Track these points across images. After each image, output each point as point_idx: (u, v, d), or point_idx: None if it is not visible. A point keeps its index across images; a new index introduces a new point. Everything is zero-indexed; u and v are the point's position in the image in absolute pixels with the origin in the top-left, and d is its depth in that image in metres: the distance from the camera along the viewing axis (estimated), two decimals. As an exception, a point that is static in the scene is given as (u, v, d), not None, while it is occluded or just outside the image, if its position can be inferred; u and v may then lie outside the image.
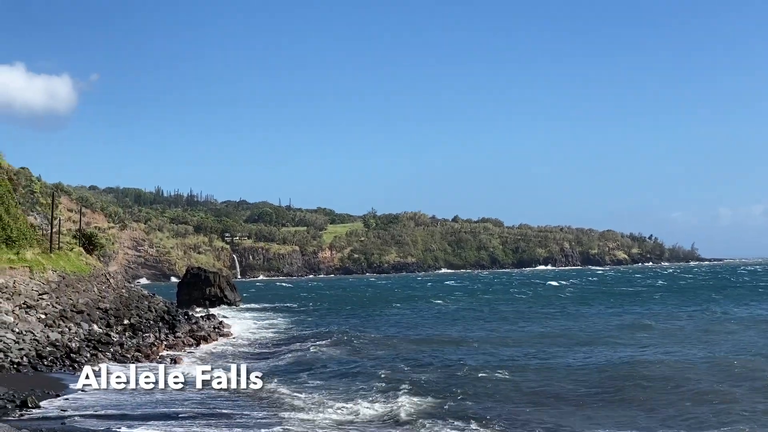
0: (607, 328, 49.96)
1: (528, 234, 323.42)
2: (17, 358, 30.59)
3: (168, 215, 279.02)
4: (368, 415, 23.67)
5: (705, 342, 40.68)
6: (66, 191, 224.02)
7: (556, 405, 24.94)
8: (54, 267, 50.95)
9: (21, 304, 39.05)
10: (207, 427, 21.47)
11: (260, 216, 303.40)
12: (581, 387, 27.89)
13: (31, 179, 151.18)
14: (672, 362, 32.81)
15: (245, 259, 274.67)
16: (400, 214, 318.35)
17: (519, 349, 39.09)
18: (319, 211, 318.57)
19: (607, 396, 26.27)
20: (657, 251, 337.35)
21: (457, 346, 41.29)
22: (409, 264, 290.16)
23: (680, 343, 40.11)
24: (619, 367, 31.79)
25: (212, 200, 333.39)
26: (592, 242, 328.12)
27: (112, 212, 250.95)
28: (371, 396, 26.68)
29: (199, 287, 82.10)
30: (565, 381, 29.16)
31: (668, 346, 38.82)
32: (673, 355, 35.19)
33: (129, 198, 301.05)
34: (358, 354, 39.45)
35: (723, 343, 39.76)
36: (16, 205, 54.46)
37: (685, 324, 51.27)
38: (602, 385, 28.22)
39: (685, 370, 30.74)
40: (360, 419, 23.34)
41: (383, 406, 24.90)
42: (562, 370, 31.72)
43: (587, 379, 29.47)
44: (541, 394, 26.77)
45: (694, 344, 39.67)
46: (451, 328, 53.44)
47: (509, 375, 30.51)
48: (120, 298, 57.78)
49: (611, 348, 38.95)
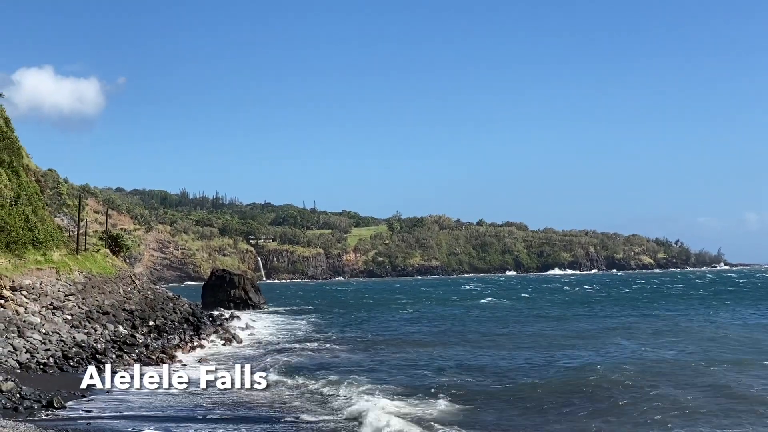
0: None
1: (553, 238, 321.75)
2: (44, 359, 30.86)
3: (193, 217, 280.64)
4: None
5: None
6: (92, 193, 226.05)
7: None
8: (80, 268, 51.36)
9: (48, 305, 39.39)
10: (229, 428, 21.51)
11: (285, 219, 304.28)
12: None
13: (58, 181, 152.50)
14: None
15: (270, 262, 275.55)
16: (424, 218, 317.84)
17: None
18: (343, 214, 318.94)
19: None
20: (683, 256, 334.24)
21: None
22: (433, 267, 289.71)
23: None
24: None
25: (237, 202, 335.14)
26: (618, 246, 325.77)
27: (138, 214, 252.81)
28: (389, 398, 26.63)
29: (224, 289, 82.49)
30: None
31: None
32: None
33: (155, 200, 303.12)
34: (377, 355, 39.75)
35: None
36: (43, 206, 54.97)
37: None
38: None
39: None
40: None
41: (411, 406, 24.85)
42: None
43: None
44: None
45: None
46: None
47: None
48: (145, 300, 58.16)
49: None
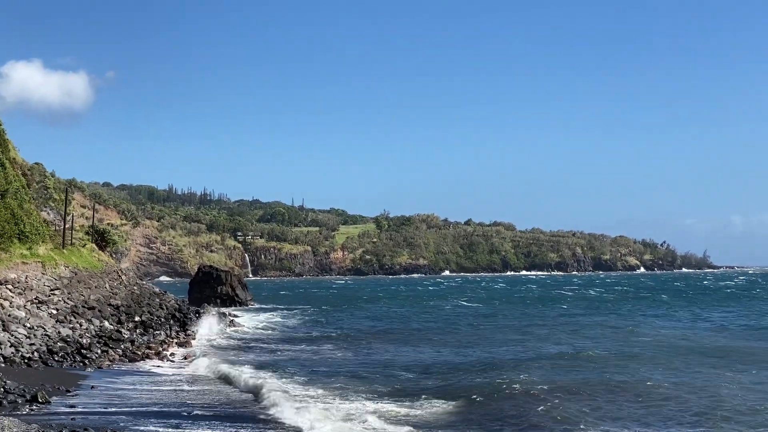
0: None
1: (540, 238, 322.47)
2: (28, 353, 30.75)
3: (181, 213, 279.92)
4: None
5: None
6: (79, 187, 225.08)
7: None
8: (66, 263, 51.17)
9: (33, 299, 39.23)
10: (212, 425, 21.47)
11: (273, 216, 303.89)
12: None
13: (45, 175, 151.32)
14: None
15: (257, 259, 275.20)
16: (412, 216, 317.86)
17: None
18: (331, 212, 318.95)
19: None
20: (669, 258, 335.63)
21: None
22: (420, 266, 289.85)
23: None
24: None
25: (225, 199, 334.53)
26: (605, 248, 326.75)
27: (125, 209, 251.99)
28: (362, 396, 26.62)
29: (211, 286, 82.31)
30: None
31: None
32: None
33: (142, 195, 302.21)
34: (361, 353, 40.02)
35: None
36: (29, 200, 54.70)
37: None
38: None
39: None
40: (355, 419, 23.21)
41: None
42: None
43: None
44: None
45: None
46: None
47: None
48: (131, 295, 58.01)
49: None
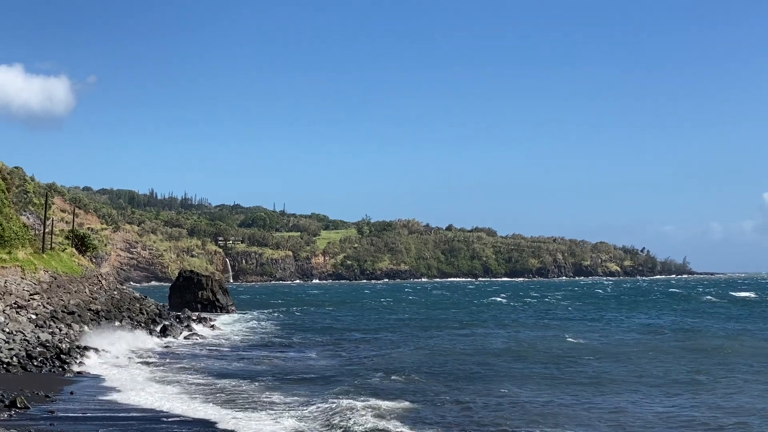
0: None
1: (521, 244, 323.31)
2: (7, 358, 30.62)
3: (162, 218, 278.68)
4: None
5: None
6: (60, 191, 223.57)
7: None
8: (46, 267, 50.98)
9: (12, 303, 39.08)
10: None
11: (254, 220, 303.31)
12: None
13: (25, 179, 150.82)
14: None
15: (238, 264, 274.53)
16: (393, 222, 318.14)
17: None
18: (313, 217, 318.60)
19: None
20: (649, 264, 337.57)
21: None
22: (402, 271, 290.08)
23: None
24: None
25: (206, 203, 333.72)
26: (585, 254, 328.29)
27: (106, 213, 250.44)
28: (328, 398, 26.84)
29: (192, 291, 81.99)
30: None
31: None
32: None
33: (123, 200, 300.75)
34: (338, 357, 40.43)
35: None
36: (9, 204, 54.47)
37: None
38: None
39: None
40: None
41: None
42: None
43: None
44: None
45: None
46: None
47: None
48: (111, 300, 57.86)
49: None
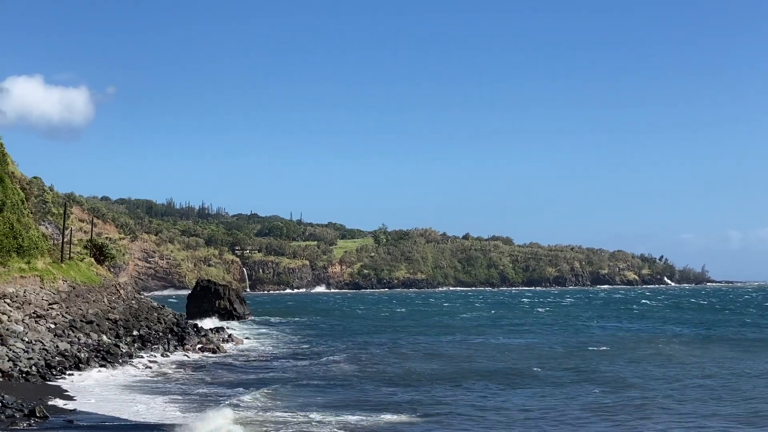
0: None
1: (538, 253, 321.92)
2: (26, 367, 30.68)
3: (179, 227, 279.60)
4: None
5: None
6: (78, 201, 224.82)
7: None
8: (64, 277, 51.10)
9: (31, 313, 39.18)
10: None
11: (271, 230, 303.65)
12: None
13: (44, 189, 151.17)
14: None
15: (255, 273, 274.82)
16: (410, 231, 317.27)
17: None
18: (329, 226, 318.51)
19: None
20: (667, 272, 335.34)
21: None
22: (419, 280, 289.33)
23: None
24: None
25: (223, 213, 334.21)
26: (603, 262, 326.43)
27: (124, 223, 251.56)
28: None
29: (209, 300, 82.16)
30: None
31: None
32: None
33: (140, 209, 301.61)
34: (358, 369, 40.18)
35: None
36: (28, 214, 54.71)
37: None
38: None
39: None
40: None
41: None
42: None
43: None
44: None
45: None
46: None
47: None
48: (129, 309, 57.91)
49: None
